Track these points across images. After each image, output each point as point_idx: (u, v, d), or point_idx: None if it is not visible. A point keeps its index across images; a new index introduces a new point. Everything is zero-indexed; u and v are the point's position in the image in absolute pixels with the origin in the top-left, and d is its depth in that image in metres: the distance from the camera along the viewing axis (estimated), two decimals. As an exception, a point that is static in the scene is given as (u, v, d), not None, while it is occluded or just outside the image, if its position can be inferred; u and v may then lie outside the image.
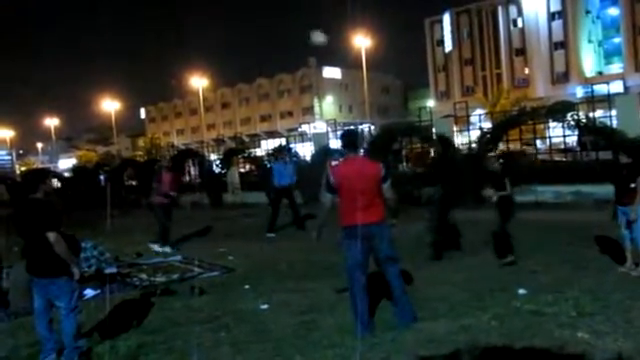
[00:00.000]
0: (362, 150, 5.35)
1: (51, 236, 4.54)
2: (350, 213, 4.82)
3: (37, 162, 75.92)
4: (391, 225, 5.15)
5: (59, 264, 4.61)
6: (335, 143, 21.86)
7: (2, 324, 5.92)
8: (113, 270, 8.07)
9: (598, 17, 49.36)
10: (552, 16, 50.37)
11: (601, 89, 27.57)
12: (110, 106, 65.86)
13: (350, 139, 5.20)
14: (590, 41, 49.27)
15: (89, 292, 7.02)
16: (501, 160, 7.83)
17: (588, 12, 49.31)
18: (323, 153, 18.31)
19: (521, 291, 5.79)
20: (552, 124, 15.37)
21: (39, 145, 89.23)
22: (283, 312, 5.74)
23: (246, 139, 54.04)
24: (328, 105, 67.75)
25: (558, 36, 50.08)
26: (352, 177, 4.92)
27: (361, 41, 47.02)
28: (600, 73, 47.79)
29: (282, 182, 11.97)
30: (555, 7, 50.18)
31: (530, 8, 51.22)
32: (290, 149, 19.66)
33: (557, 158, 18.23)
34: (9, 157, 47.12)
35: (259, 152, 23.50)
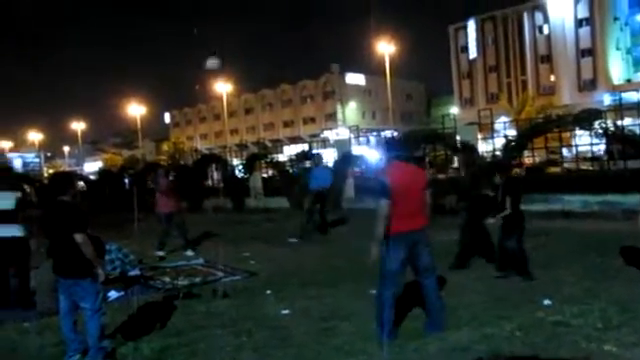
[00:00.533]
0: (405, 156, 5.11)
1: (78, 237, 4.61)
2: (400, 219, 4.76)
3: (64, 165, 77.32)
4: None
5: (84, 265, 4.68)
6: (358, 149, 21.84)
7: (29, 324, 6.02)
8: (137, 272, 8.17)
9: (626, 24, 48.63)
10: (579, 23, 49.78)
11: (630, 97, 27.09)
12: (135, 111, 66.83)
13: (399, 145, 5.16)
14: (618, 48, 48.56)
15: (113, 294, 7.11)
16: (500, 178, 7.23)
17: (616, 19, 48.63)
18: (345, 160, 18.31)
19: (546, 301, 5.70)
20: (579, 132, 15.17)
21: (66, 148, 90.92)
22: (304, 318, 5.74)
23: (269, 144, 54.39)
24: (351, 111, 67.77)
25: (585, 43, 49.45)
26: (407, 183, 4.88)
27: (385, 47, 47.02)
28: (629, 80, 47.01)
29: (318, 186, 12.07)
30: (582, 14, 49.60)
31: (557, 15, 50.68)
32: (314, 155, 19.69)
33: (584, 167, 17.97)
34: (37, 160, 48.18)
35: (282, 157, 23.61)
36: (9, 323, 6.21)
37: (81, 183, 26.61)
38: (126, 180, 26.46)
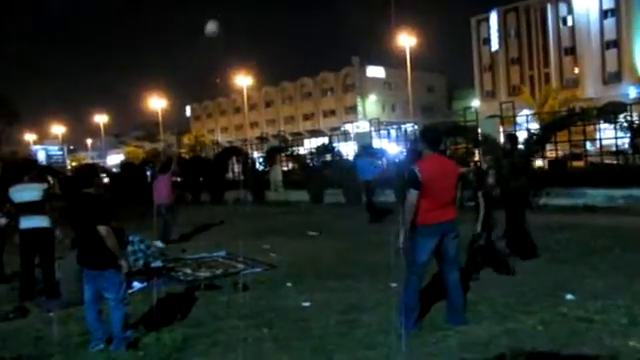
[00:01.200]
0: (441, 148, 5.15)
1: (102, 229, 4.69)
2: (430, 211, 4.82)
3: (87, 158, 78.33)
4: None
5: (108, 257, 4.76)
6: (378, 142, 21.74)
7: (54, 313, 6.13)
8: (159, 264, 8.26)
9: (653, 14, 47.51)
10: (604, 14, 48.78)
11: (656, 90, 26.57)
12: (157, 104, 67.33)
13: (433, 136, 5.16)
14: (645, 40, 47.50)
15: (136, 285, 7.21)
16: (473, 173, 7.15)
17: (643, 9, 47.55)
18: (365, 153, 18.24)
19: (569, 297, 5.64)
20: (603, 125, 14.91)
21: (89, 141, 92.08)
22: (325, 310, 5.75)
23: (289, 137, 54.43)
24: (371, 104, 67.49)
25: (610, 34, 48.48)
26: (438, 173, 4.89)
27: (406, 40, 46.68)
28: (655, 73, 45.99)
29: (366, 176, 12.40)
30: (608, 4, 48.57)
31: (581, 6, 49.73)
32: (333, 148, 19.67)
33: (608, 161, 17.65)
34: (61, 152, 48.88)
35: (302, 150, 23.62)
36: (35, 312, 6.35)
37: (103, 175, 26.93)
38: (148, 173, 26.72)
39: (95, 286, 4.87)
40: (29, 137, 75.09)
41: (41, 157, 44.35)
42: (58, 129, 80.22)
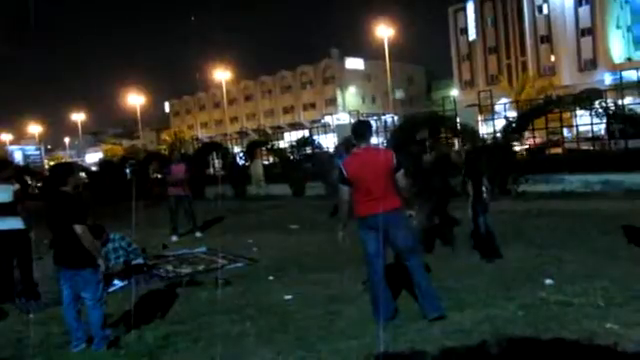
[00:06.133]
0: (372, 140, 5.20)
1: (78, 228, 4.63)
2: (363, 203, 4.90)
3: (65, 157, 77.30)
4: (409, 216, 5.15)
5: (85, 256, 4.71)
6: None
7: (33, 314, 6.05)
8: (140, 261, 8.19)
9: (627, 1, 48.14)
10: (579, 1, 49.30)
11: (630, 75, 26.84)
12: (135, 100, 66.58)
13: (360, 129, 5.12)
14: (618, 27, 48.13)
15: (117, 283, 7.15)
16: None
17: (616, -4, 48.16)
18: (346, 145, 18.25)
19: (548, 281, 5.71)
20: (579, 112, 15.10)
21: (66, 140, 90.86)
22: (307, 303, 5.75)
23: (269, 131, 54.22)
24: (351, 96, 67.53)
25: (585, 22, 49.03)
26: (363, 167, 4.91)
27: (384, 31, 46.73)
28: (629, 59, 46.62)
29: None
30: (582, -8, 49.12)
31: (556, -6, 50.21)
32: (313, 141, 19.65)
33: (585, 147, 17.90)
34: (38, 152, 48.24)
35: (282, 144, 23.57)
36: (14, 314, 6.26)
37: (82, 174, 26.56)
38: (127, 170, 26.43)
39: (72, 286, 4.81)
40: (5, 137, 73.89)
41: (18, 157, 43.71)
42: (35, 128, 78.99)
